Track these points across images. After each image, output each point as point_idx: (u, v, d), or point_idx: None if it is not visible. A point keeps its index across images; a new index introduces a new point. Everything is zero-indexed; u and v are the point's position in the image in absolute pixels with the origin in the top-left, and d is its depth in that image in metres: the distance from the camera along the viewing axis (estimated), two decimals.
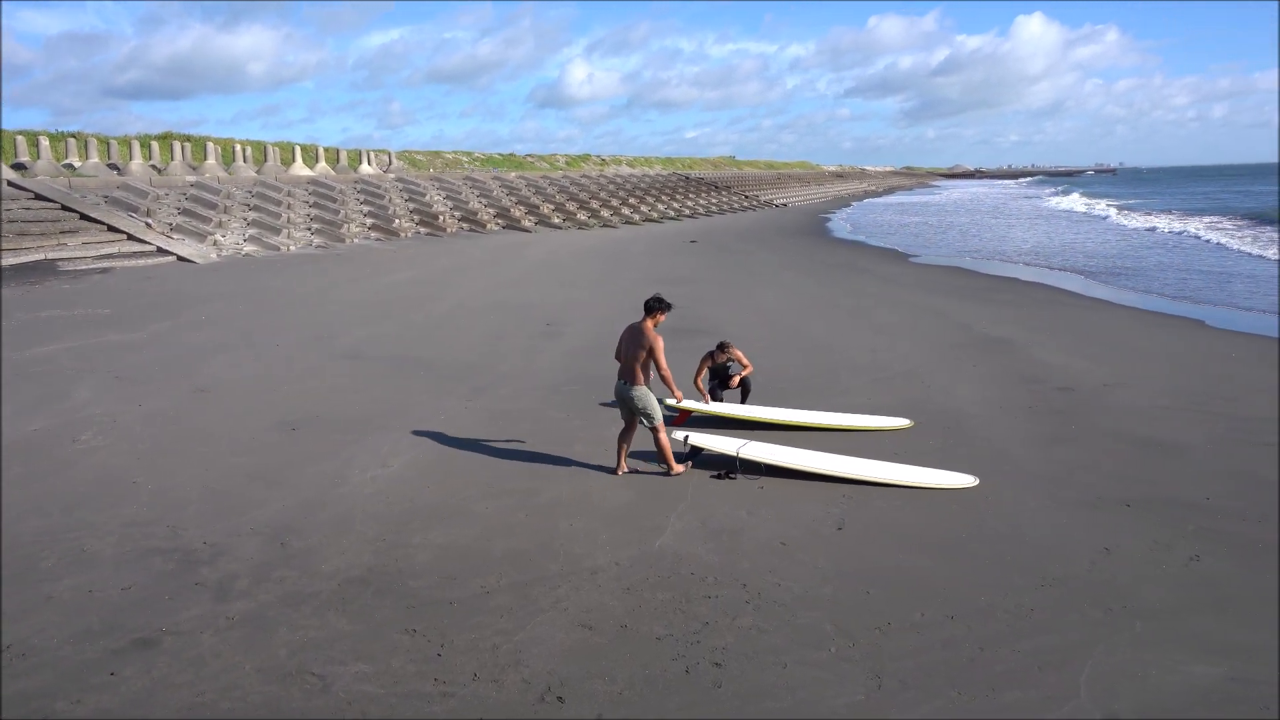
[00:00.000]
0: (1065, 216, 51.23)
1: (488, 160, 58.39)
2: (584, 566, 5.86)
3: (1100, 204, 59.98)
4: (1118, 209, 54.91)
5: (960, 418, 9.36)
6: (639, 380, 7.41)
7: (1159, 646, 4.88)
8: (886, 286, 20.21)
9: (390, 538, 6.34)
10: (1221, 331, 14.53)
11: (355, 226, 32.64)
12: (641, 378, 7.42)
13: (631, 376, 7.43)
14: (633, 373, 7.42)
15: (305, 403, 9.98)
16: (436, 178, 44.87)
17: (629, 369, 7.45)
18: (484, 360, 12.30)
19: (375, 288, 20.24)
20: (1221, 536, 6.33)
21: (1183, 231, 36.33)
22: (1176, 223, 41.09)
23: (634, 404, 7.44)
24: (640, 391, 7.41)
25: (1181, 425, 9.02)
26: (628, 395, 7.45)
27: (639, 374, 7.41)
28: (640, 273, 23.13)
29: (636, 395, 7.41)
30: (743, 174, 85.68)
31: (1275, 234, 32.72)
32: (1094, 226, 42.84)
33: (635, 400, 7.42)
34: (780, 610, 5.26)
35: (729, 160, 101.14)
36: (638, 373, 7.42)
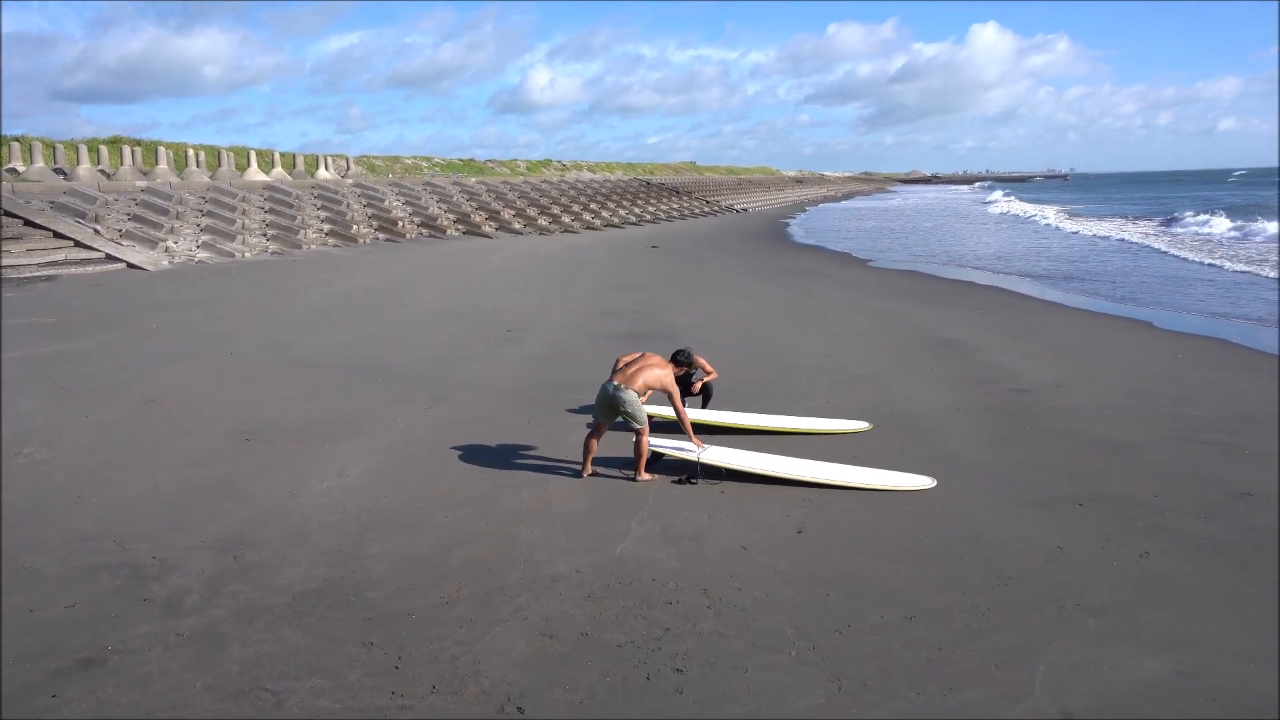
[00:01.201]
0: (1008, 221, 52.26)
1: (448, 165, 57.95)
2: (544, 574, 5.82)
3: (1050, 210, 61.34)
4: (1067, 214, 56.18)
5: (918, 420, 9.48)
6: (635, 387, 7.45)
7: (1110, 642, 4.97)
8: (845, 290, 20.43)
9: (347, 549, 6.23)
10: (1168, 333, 14.92)
11: (312, 233, 32.16)
12: (638, 388, 7.46)
13: (630, 381, 7.46)
14: (633, 379, 7.46)
15: (260, 412, 9.79)
16: (395, 183, 44.41)
17: (631, 376, 7.48)
18: (443, 367, 12.18)
19: (333, 295, 19.95)
20: (1169, 533, 6.48)
21: (1129, 236, 37.25)
22: (1125, 227, 42.13)
23: (624, 407, 7.44)
24: (633, 396, 7.45)
25: (1130, 424, 9.23)
26: (618, 397, 7.43)
27: (638, 383, 7.46)
28: (602, 278, 23.11)
29: (629, 399, 7.42)
30: (704, 179, 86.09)
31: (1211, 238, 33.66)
32: (1043, 231, 43.77)
33: (626, 404, 7.42)
34: (741, 615, 5.26)
35: (690, 166, 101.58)
36: (638, 381, 7.46)
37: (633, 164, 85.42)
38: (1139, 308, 17.99)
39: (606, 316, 16.50)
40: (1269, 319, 16.53)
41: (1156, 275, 23.77)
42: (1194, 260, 27.22)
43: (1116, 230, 40.25)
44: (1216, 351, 13.20)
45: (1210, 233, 36.26)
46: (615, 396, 7.47)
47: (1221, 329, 15.29)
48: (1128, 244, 34.01)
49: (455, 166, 58.17)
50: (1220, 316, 16.81)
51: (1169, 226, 41.06)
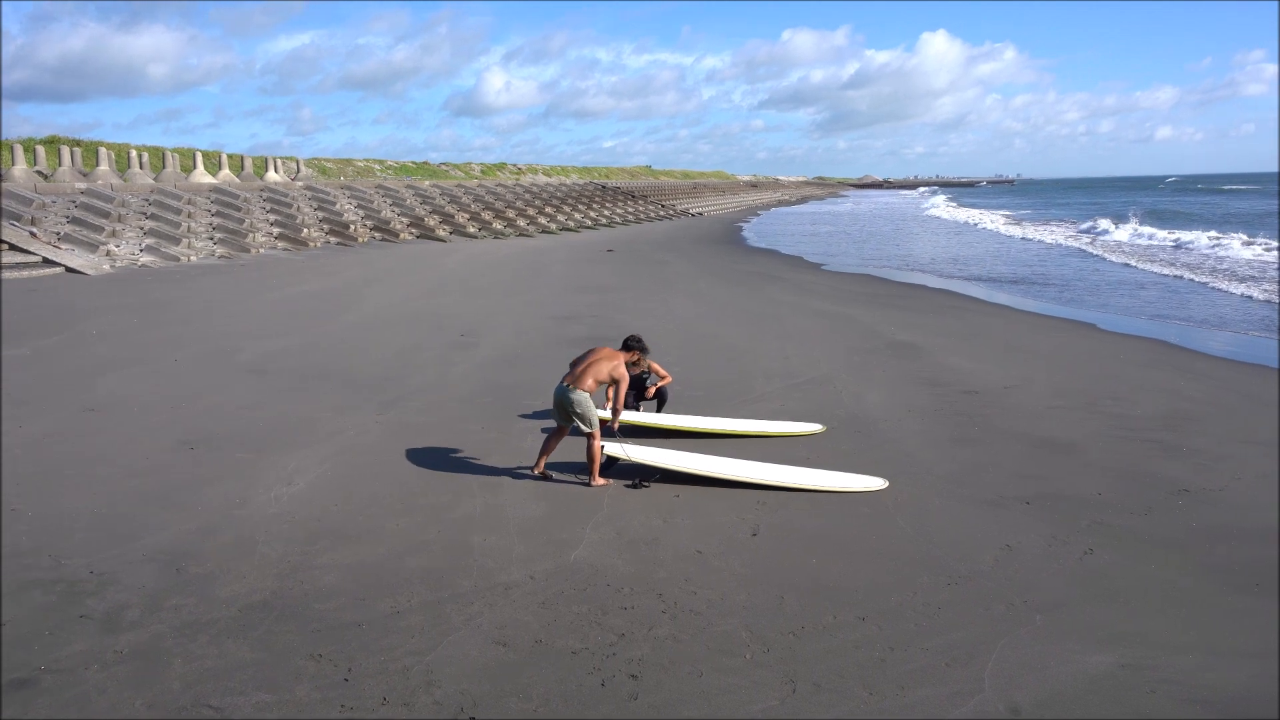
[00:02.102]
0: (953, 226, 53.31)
1: (401, 168, 57.26)
2: (498, 582, 5.76)
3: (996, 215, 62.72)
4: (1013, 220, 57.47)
5: (870, 421, 9.60)
6: (584, 386, 7.41)
7: (1057, 638, 5.07)
8: (799, 294, 20.63)
9: (295, 559, 6.10)
10: (1111, 334, 15.33)
11: (261, 236, 31.53)
12: (587, 386, 7.42)
13: (578, 381, 7.44)
14: (581, 379, 7.44)
15: (205, 420, 9.54)
16: (347, 186, 43.75)
17: (579, 376, 7.47)
18: (396, 372, 12.02)
19: (282, 299, 19.56)
20: (1112, 530, 6.64)
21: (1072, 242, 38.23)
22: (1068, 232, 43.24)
23: (574, 408, 7.42)
24: (583, 396, 7.42)
25: (1075, 424, 9.46)
26: (569, 399, 7.42)
27: (587, 382, 7.42)
28: (557, 282, 23.03)
29: (578, 399, 7.41)
30: (659, 183, 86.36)
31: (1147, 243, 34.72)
32: (989, 236, 44.70)
33: (576, 405, 7.41)
34: (696, 619, 5.26)
35: (646, 170, 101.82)
36: (587, 380, 7.43)
37: (588, 168, 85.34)
38: (1083, 310, 18.46)
39: (562, 320, 16.44)
40: (1205, 321, 17.09)
41: (1098, 279, 24.43)
42: (1133, 265, 28.03)
43: (1060, 236, 41.29)
44: (1156, 352, 13.60)
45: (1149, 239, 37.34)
46: (565, 397, 7.46)
47: (1161, 330, 15.76)
48: (1071, 249, 34.90)
49: (409, 169, 57.52)
50: (1160, 318, 17.33)
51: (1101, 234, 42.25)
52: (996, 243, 39.46)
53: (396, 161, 59.11)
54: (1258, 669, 4.76)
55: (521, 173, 69.22)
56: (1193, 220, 49.39)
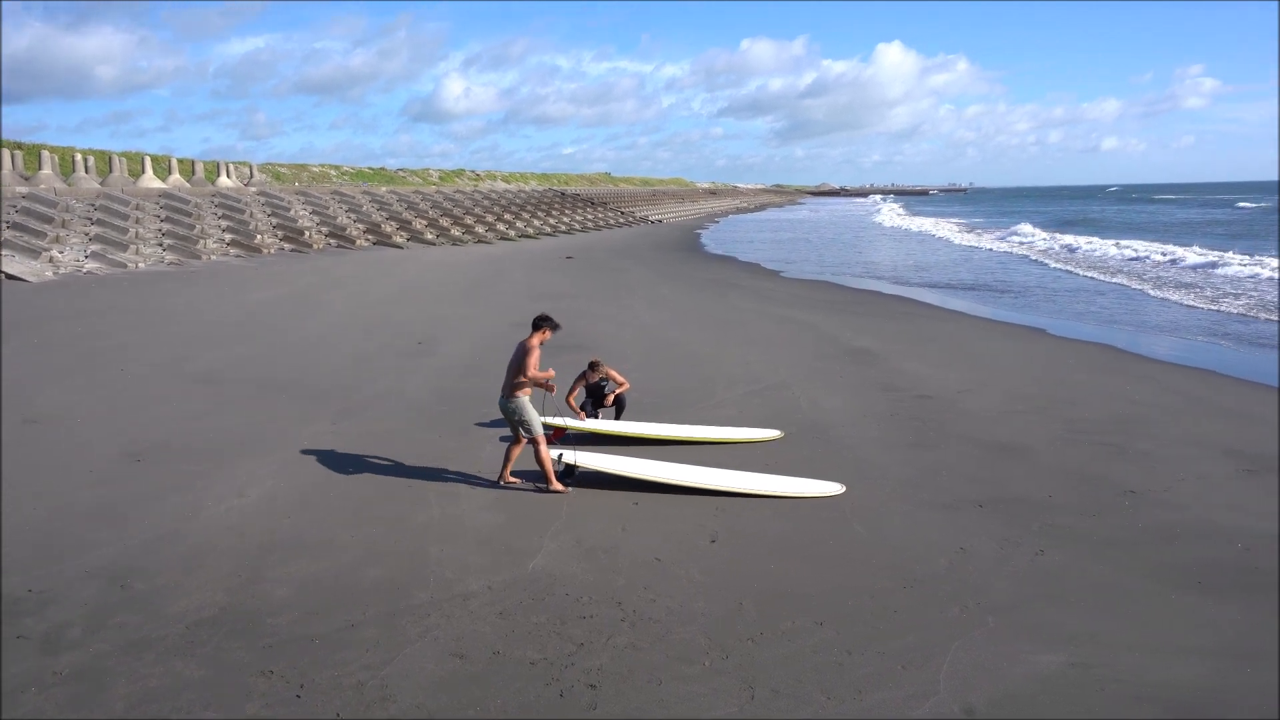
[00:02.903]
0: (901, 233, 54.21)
1: (357, 174, 56.60)
2: (455, 593, 5.69)
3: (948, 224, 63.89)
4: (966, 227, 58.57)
5: (828, 427, 9.69)
6: (514, 393, 7.46)
7: (1009, 639, 5.16)
8: (758, 301, 20.77)
9: (246, 573, 5.96)
10: (1060, 339, 15.68)
11: (213, 243, 30.89)
12: (520, 391, 7.44)
13: (507, 389, 7.50)
14: (508, 385, 7.50)
15: (153, 432, 9.30)
16: (302, 191, 43.09)
17: (506, 382, 7.53)
18: (352, 381, 11.83)
19: (234, 307, 19.17)
20: (1062, 531, 6.78)
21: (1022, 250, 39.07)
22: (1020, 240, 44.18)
23: (510, 416, 7.50)
24: (516, 403, 7.45)
25: (1025, 428, 9.64)
26: (505, 408, 7.54)
27: (512, 386, 7.47)
28: (516, 289, 22.91)
29: (513, 407, 7.47)
30: (619, 190, 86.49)
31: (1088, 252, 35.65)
32: (941, 244, 45.53)
33: (512, 413, 7.48)
34: (655, 627, 5.25)
35: (605, 177, 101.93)
36: (510, 385, 7.49)
37: (547, 174, 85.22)
38: (1034, 315, 18.86)
39: (521, 328, 16.26)
40: (1147, 326, 17.58)
41: (1047, 286, 25.00)
42: (1079, 273, 28.73)
43: (1011, 244, 42.16)
44: (1103, 357, 13.94)
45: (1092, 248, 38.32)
46: (503, 408, 7.55)
47: (1107, 335, 16.16)
48: (1018, 256, 35.67)
49: (366, 175, 56.87)
50: (1106, 324, 17.77)
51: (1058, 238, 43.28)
52: (948, 250, 40.18)
53: (353, 167, 58.45)
54: (1202, 666, 4.89)
55: (480, 179, 68.83)
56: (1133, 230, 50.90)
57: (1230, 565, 6.17)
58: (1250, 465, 8.33)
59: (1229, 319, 18.17)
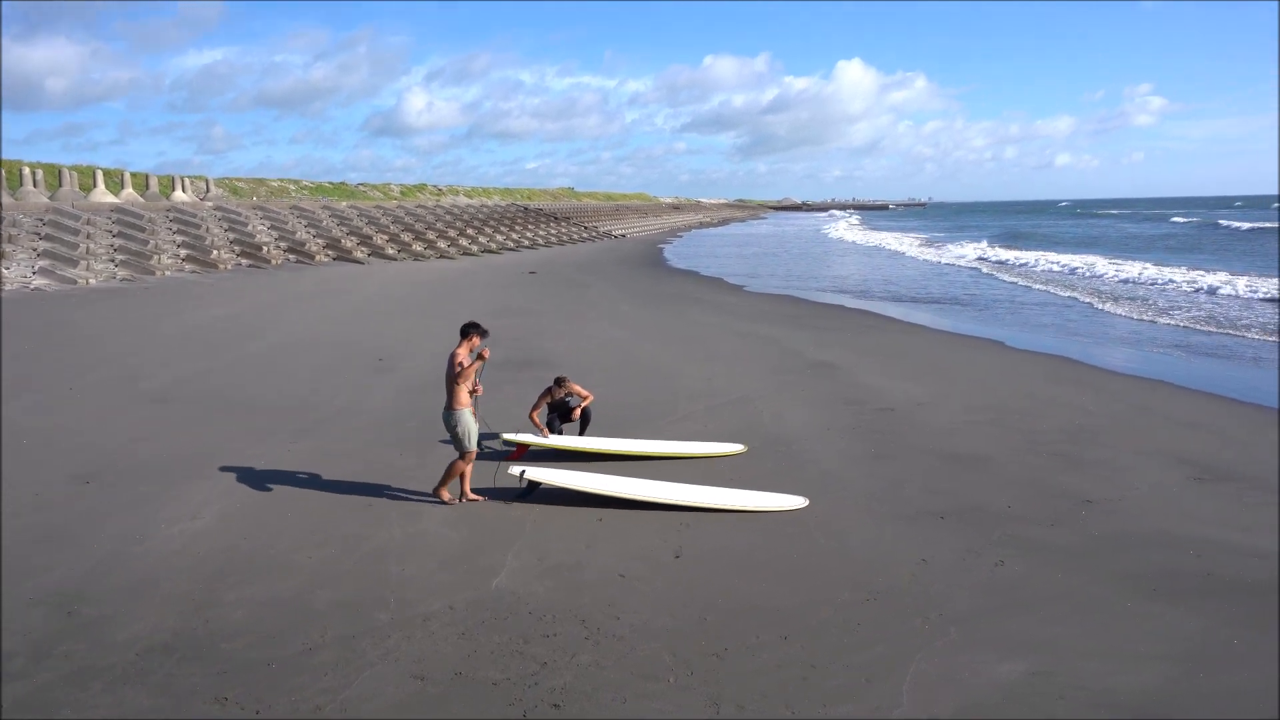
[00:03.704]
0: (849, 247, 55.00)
1: (317, 189, 55.94)
2: (416, 613, 5.59)
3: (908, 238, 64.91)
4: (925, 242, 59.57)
5: (791, 440, 9.74)
6: (452, 404, 7.48)
7: (971, 649, 5.20)
8: (721, 315, 20.88)
9: (199, 597, 5.81)
10: (1018, 351, 15.96)
11: (167, 258, 30.28)
12: (457, 401, 7.45)
13: (447, 401, 7.53)
14: (448, 396, 7.52)
15: (102, 452, 9.05)
16: (260, 206, 42.48)
17: (446, 394, 7.55)
18: (310, 399, 11.64)
19: (189, 323, 18.79)
20: (1021, 541, 6.87)
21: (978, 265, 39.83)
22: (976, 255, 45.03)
23: (448, 428, 7.53)
24: (451, 415, 7.48)
25: (985, 439, 9.78)
26: (445, 421, 7.57)
27: (451, 397, 7.48)
28: (478, 304, 22.76)
29: (451, 420, 7.50)
30: (582, 205, 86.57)
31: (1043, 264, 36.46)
32: (900, 258, 46.23)
33: (450, 425, 7.51)
34: (619, 644, 5.21)
35: (569, 192, 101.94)
36: (450, 396, 7.50)
37: (510, 189, 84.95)
38: (992, 328, 19.17)
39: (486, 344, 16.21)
40: (1100, 338, 17.98)
41: (1003, 299, 25.48)
42: (1033, 287, 29.33)
43: (967, 258, 42.94)
44: (1058, 368, 14.21)
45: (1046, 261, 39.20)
46: (444, 420, 7.56)
47: (1062, 347, 16.48)
48: (975, 270, 36.34)
49: (326, 190, 56.23)
50: (1065, 336, 18.14)
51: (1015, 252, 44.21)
52: (908, 264, 40.79)
53: (313, 182, 57.78)
54: (1158, 672, 4.97)
55: (442, 194, 68.45)
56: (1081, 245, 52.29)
57: (1184, 572, 6.30)
58: (1200, 474, 8.53)
59: (1175, 331, 18.65)
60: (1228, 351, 15.90)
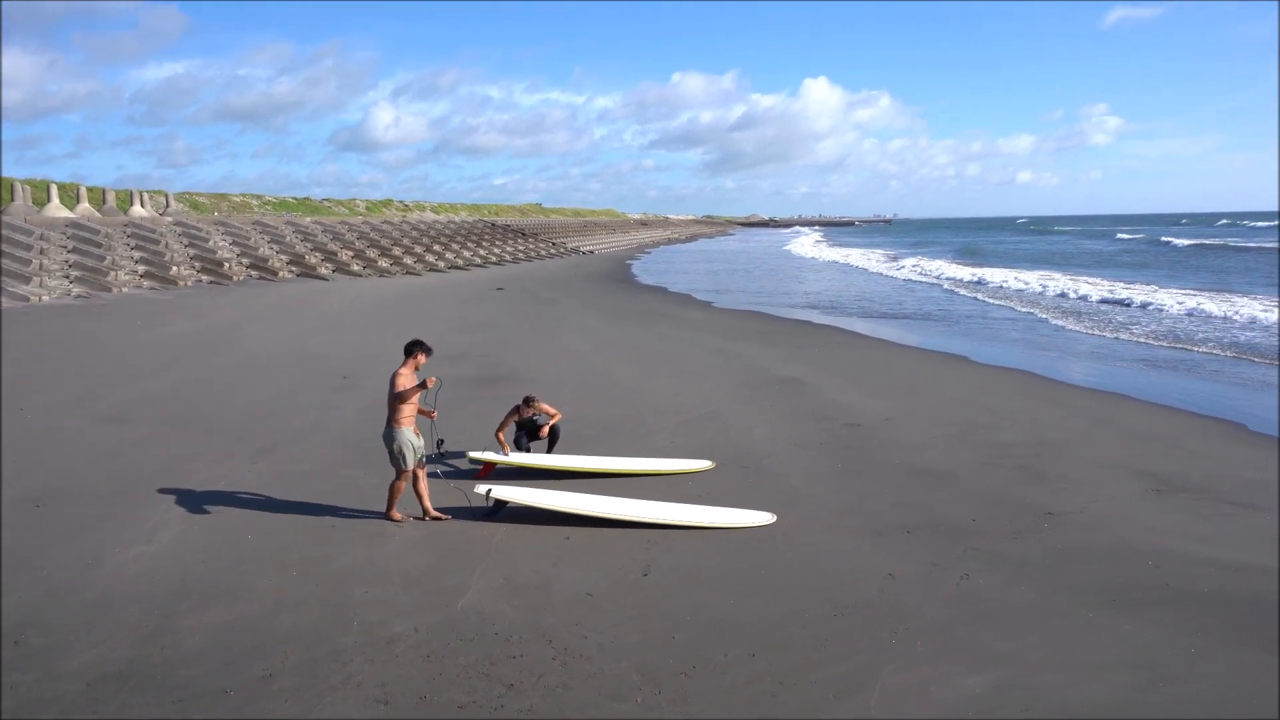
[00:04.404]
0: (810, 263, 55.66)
1: (280, 204, 55.32)
2: (380, 636, 5.49)
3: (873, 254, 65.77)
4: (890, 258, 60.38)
5: (759, 456, 9.76)
6: (391, 423, 7.41)
7: (937, 662, 5.23)
8: (688, 331, 20.93)
9: (155, 623, 5.65)
10: (983, 366, 16.19)
11: (125, 274, 29.71)
12: (397, 420, 7.38)
13: (387, 418, 7.47)
14: (388, 414, 7.46)
15: (54, 474, 8.80)
16: (221, 222, 41.89)
17: (388, 412, 7.51)
18: (273, 417, 11.45)
19: (147, 341, 18.42)
20: (985, 555, 6.94)
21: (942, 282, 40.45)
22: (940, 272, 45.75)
23: (387, 444, 7.46)
24: (389, 434, 7.41)
25: (950, 453, 9.89)
26: (384, 437, 7.50)
27: (391, 416, 7.41)
28: (445, 321, 22.61)
29: (388, 438, 7.44)
30: (550, 221, 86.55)
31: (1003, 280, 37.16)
32: (865, 275, 46.80)
33: (385, 441, 7.46)
34: (586, 664, 5.16)
35: (536, 208, 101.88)
36: (390, 414, 7.43)
37: (478, 205, 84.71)
38: (957, 342, 19.43)
39: (451, 360, 16.08)
40: (1060, 352, 18.31)
41: (966, 314, 25.88)
42: (995, 302, 29.85)
43: (931, 274, 43.59)
44: (1021, 382, 14.43)
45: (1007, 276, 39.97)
46: (384, 438, 7.48)
47: (1027, 362, 16.74)
48: (936, 285, 36.90)
49: (289, 205, 55.63)
50: (1027, 350, 18.44)
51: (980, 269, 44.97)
52: (874, 280, 41.29)
53: (276, 197, 57.12)
54: (1119, 682, 5.03)
55: (409, 209, 68.06)
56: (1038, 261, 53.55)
57: (1143, 583, 6.40)
58: (1158, 485, 8.70)
59: (1132, 345, 19.05)
60: (1184, 365, 16.26)
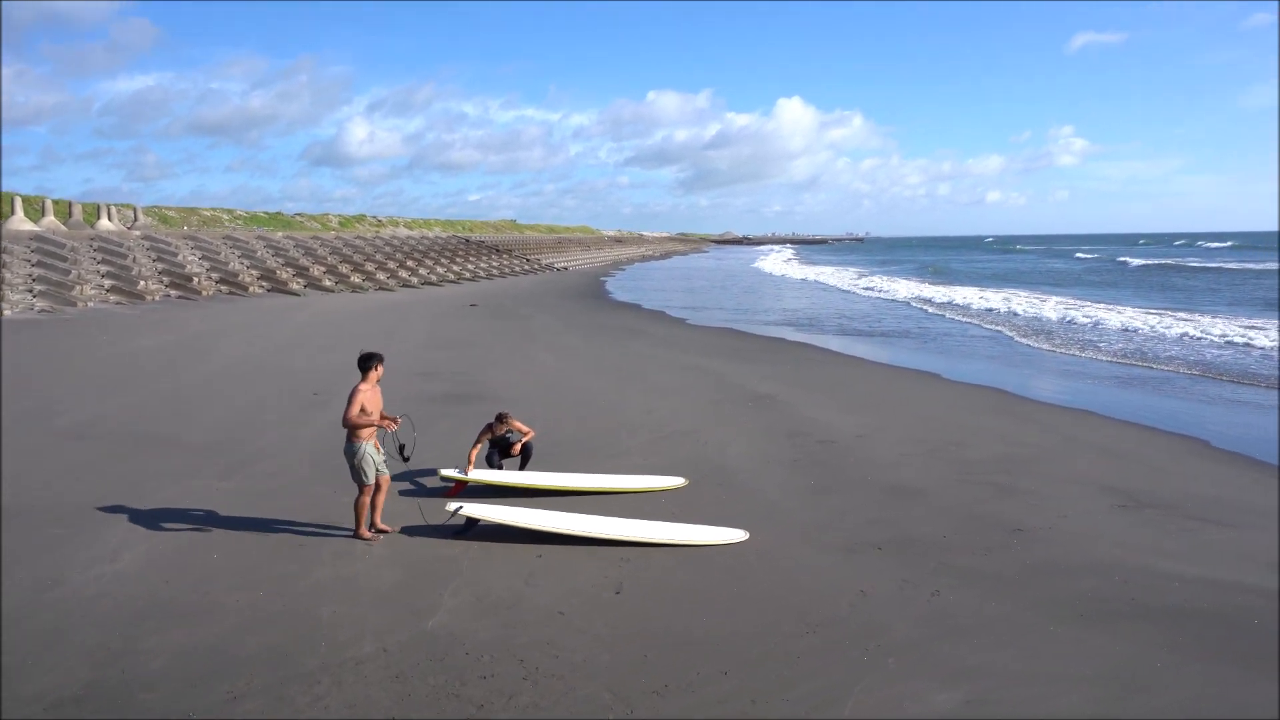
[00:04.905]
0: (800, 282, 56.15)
1: (251, 219, 54.78)
2: (348, 657, 5.41)
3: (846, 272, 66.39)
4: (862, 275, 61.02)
5: (732, 473, 9.77)
6: (351, 437, 7.33)
7: (909, 679, 5.24)
8: (663, 348, 20.96)
9: (117, 645, 5.53)
10: (954, 383, 16.35)
11: (90, 289, 29.23)
12: (357, 435, 7.31)
13: (347, 433, 7.38)
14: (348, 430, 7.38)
15: (14, 492, 8.60)
16: (191, 236, 41.41)
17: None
18: (241, 433, 11.28)
19: (112, 356, 18.11)
20: (956, 570, 6.98)
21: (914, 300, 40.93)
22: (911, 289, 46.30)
23: (348, 459, 7.38)
24: (350, 448, 7.33)
25: (922, 470, 9.96)
26: (345, 451, 7.42)
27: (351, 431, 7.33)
28: (418, 337, 22.47)
29: (348, 452, 7.36)
30: (524, 237, 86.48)
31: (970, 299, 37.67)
32: (837, 293, 47.23)
33: (350, 455, 7.37)
34: (558, 684, 5.11)
35: (511, 224, 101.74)
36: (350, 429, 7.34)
37: (452, 221, 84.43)
38: (929, 359, 19.63)
39: (424, 377, 15.98)
40: (1029, 369, 18.57)
41: (939, 333, 26.18)
42: (963, 320, 30.24)
43: (903, 292, 44.09)
44: (991, 399, 14.60)
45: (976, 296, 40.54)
46: (344, 453, 7.40)
47: (997, 379, 16.94)
48: (907, 304, 37.33)
49: (261, 220, 55.11)
50: (997, 367, 18.67)
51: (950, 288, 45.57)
52: (846, 298, 41.67)
53: (247, 211, 56.58)
54: (1088, 696, 5.07)
55: (382, 225, 67.70)
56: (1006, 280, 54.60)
57: (1111, 597, 6.47)
58: (1125, 501, 8.82)
59: (1098, 364, 19.36)
60: (1149, 382, 16.54)
